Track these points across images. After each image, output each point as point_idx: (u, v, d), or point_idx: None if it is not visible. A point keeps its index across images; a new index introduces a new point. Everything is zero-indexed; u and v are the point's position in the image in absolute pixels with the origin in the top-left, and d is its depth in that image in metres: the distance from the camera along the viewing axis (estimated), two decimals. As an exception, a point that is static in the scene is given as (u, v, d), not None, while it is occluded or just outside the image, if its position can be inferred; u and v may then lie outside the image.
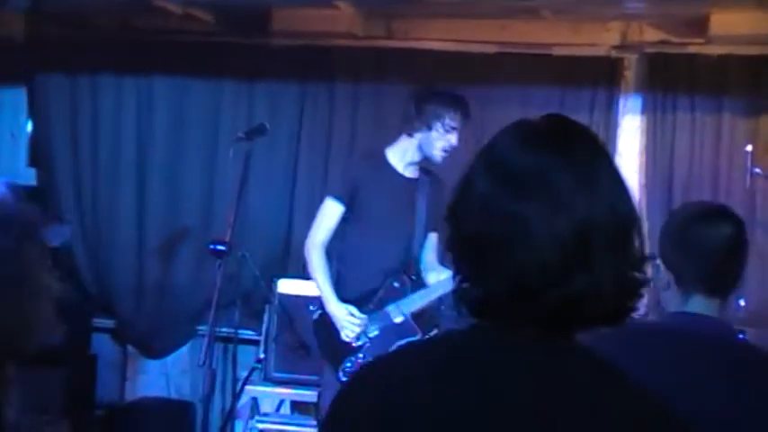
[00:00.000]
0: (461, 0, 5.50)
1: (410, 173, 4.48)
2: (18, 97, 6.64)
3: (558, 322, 1.27)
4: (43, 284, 1.51)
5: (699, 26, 5.47)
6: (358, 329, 4.30)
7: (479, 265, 1.27)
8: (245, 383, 5.46)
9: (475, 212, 1.27)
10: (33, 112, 6.55)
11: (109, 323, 6.37)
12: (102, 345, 6.33)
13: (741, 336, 4.89)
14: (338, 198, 4.40)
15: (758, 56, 5.51)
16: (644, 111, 5.88)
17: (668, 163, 5.77)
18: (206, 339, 4.52)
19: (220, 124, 6.11)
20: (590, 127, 4.78)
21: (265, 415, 5.75)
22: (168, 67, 6.25)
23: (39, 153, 6.56)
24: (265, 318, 5.78)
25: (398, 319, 4.39)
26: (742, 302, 5.16)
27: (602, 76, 5.86)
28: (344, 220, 4.42)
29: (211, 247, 4.67)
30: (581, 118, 5.58)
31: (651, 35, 5.79)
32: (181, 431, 5.94)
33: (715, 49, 5.53)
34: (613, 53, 5.83)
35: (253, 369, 5.53)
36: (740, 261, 2.15)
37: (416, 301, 4.42)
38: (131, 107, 6.30)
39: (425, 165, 4.56)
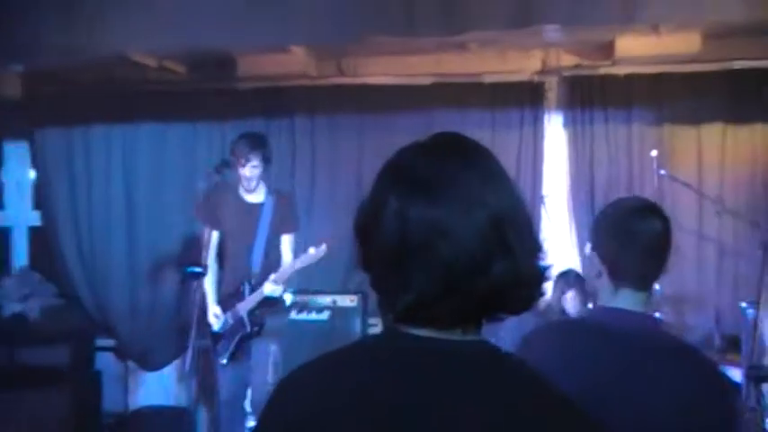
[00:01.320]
0: (400, 39, 5.62)
1: (252, 198, 5.25)
2: (22, 149, 7.10)
3: (485, 311, 1.30)
4: None
5: (606, 50, 5.83)
6: (218, 322, 5.18)
7: (404, 273, 1.26)
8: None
9: (392, 226, 1.27)
10: (35, 162, 6.96)
11: (110, 342, 6.75)
12: (106, 361, 6.68)
13: (658, 316, 5.35)
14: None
15: (658, 74, 5.87)
16: (565, 125, 6.25)
17: (589, 169, 6.13)
18: (189, 352, 4.81)
19: (197, 161, 6.44)
20: (520, 141, 5.30)
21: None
22: (148, 115, 6.62)
23: (41, 197, 6.96)
24: None
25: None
26: (657, 287, 5.51)
27: (527, 97, 6.22)
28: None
29: (188, 270, 4.97)
30: (512, 135, 6.13)
31: (567, 60, 6.14)
32: (179, 434, 6.24)
33: (621, 70, 5.91)
34: (536, 77, 6.19)
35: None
36: (667, 255, 2.12)
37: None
38: (119, 152, 6.69)
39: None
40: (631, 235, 2.08)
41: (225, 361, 5.20)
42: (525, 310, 1.32)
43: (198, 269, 4.95)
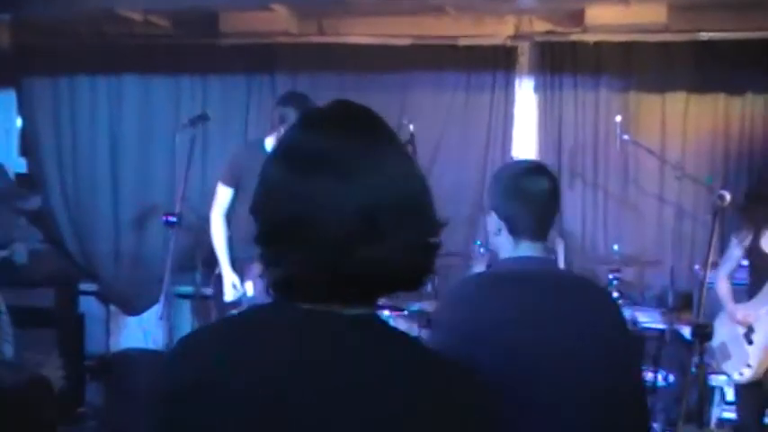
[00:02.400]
0: (380, 1, 5.83)
1: None
2: (9, 98, 7.09)
3: (359, 289, 1.26)
4: None
5: (577, 18, 5.91)
6: (235, 293, 4.98)
7: (282, 248, 1.25)
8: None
9: (272, 201, 1.26)
10: (22, 111, 6.98)
11: (93, 287, 6.84)
12: (89, 305, 6.76)
13: (613, 276, 5.50)
14: (226, 183, 5.05)
15: (626, 42, 5.95)
16: (536, 90, 6.32)
17: (557, 133, 6.23)
18: (162, 298, 4.94)
19: (180, 114, 6.41)
20: (492, 104, 5.40)
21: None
22: (134, 67, 6.65)
23: (28, 145, 7.00)
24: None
25: None
26: (616, 247, 5.68)
27: (500, 61, 6.27)
28: (235, 198, 5.05)
29: (164, 219, 5.04)
30: (484, 97, 6.22)
31: (540, 26, 6.20)
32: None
33: (591, 37, 5.98)
34: (509, 42, 6.24)
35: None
36: (556, 208, 2.31)
37: None
38: (104, 103, 6.73)
39: None
40: (524, 193, 2.23)
41: None
42: (413, 288, 1.30)
43: (173, 218, 5.01)
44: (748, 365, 4.48)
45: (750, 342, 4.51)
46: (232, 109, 6.58)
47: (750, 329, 4.52)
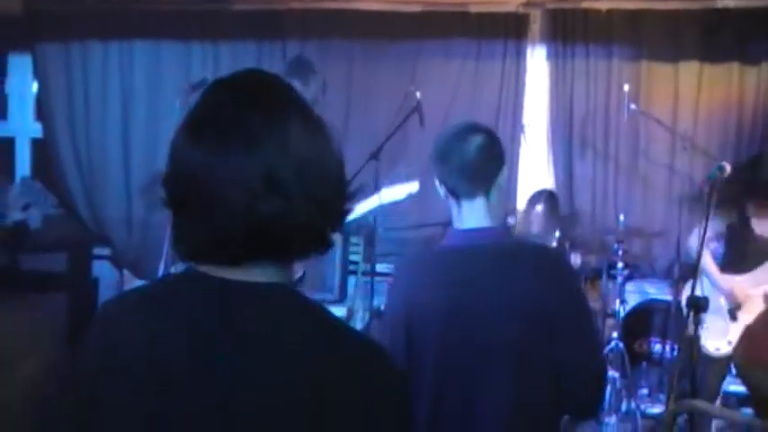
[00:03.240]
0: None
1: None
2: (25, 61, 7.02)
3: (268, 248, 1.27)
4: None
5: (590, -16, 5.78)
6: None
7: (190, 215, 1.27)
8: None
9: (179, 169, 1.28)
10: (37, 76, 6.93)
11: (106, 251, 6.88)
12: (102, 269, 6.79)
13: (618, 246, 5.42)
14: None
15: (637, 9, 5.83)
16: (548, 58, 6.21)
17: (569, 102, 6.12)
18: (163, 258, 5.06)
19: (191, 80, 6.11)
20: (503, 72, 5.32)
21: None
22: (144, 33, 6.59)
23: (42, 110, 6.97)
24: None
25: None
26: (622, 217, 5.50)
27: (511, 29, 6.16)
28: None
29: None
30: (495, 66, 6.13)
31: (551, -7, 6.06)
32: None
33: (603, 5, 5.87)
34: (520, 9, 6.12)
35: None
36: (493, 162, 2.33)
37: None
38: (115, 68, 6.68)
39: None
40: (451, 153, 2.30)
41: None
42: (322, 249, 1.32)
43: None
44: (729, 342, 4.41)
45: (734, 318, 4.43)
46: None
47: (737, 306, 4.43)
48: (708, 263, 4.57)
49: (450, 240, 2.40)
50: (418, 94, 5.42)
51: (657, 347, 5.59)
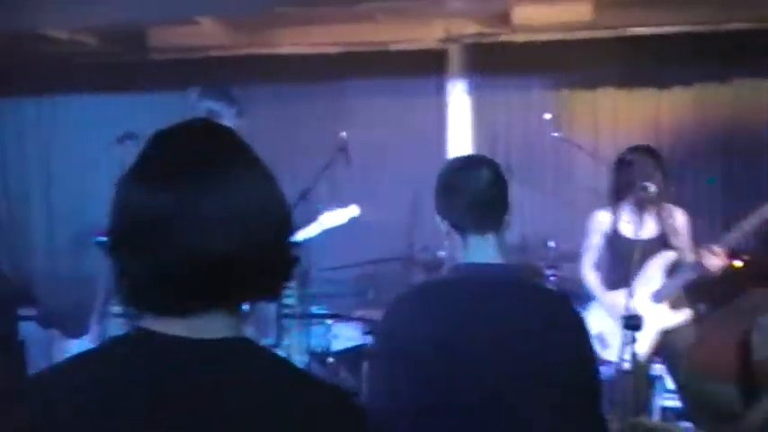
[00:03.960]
0: (310, 10, 5.69)
1: None
2: None
3: (217, 293, 1.24)
4: None
5: (505, 19, 5.82)
6: None
7: (131, 260, 1.23)
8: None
9: (123, 215, 1.25)
10: None
11: (33, 312, 6.50)
12: (30, 330, 6.43)
13: (551, 273, 5.43)
14: None
15: (555, 41, 5.90)
16: (469, 91, 6.28)
17: (492, 133, 6.21)
18: (95, 316, 4.95)
19: (114, 133, 6.16)
20: (427, 108, 5.33)
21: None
22: (64, 87, 6.48)
23: None
24: None
25: None
26: (552, 244, 5.60)
27: (432, 65, 6.24)
28: None
29: (96, 239, 4.85)
30: (418, 102, 6.17)
31: (468, 28, 6.12)
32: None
33: (519, 37, 5.93)
34: (440, 45, 6.19)
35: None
36: (502, 196, 2.17)
37: None
38: (34, 124, 6.58)
39: None
40: (458, 187, 2.13)
41: None
42: (272, 294, 1.31)
43: (104, 238, 4.82)
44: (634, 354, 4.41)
45: (637, 329, 4.43)
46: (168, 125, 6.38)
47: (633, 318, 4.43)
48: (594, 284, 4.60)
49: (455, 273, 2.21)
50: (344, 134, 5.40)
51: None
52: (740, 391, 2.54)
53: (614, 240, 4.51)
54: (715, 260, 4.09)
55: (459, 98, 6.34)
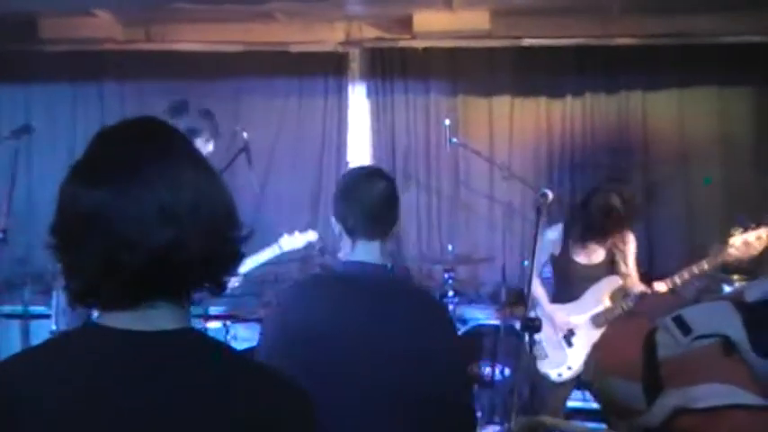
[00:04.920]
0: (208, 7, 5.55)
1: None
2: None
3: (163, 284, 1.24)
4: None
5: (405, 25, 5.84)
6: None
7: (78, 254, 1.23)
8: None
9: (68, 210, 1.24)
10: None
11: None
12: None
13: (448, 276, 5.48)
14: None
15: (453, 48, 5.96)
16: (368, 95, 6.28)
17: (390, 137, 6.23)
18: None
19: (2, 127, 5.68)
20: (325, 110, 5.28)
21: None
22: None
23: None
24: (54, 294, 5.51)
25: None
26: (450, 247, 5.67)
27: (331, 67, 6.21)
28: None
29: None
30: (317, 103, 6.10)
31: (369, 33, 6.11)
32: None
33: (419, 43, 5.93)
34: (340, 48, 6.15)
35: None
36: (393, 209, 2.34)
37: None
38: None
39: None
40: (356, 195, 2.30)
41: None
42: (217, 286, 1.31)
43: (-1, 236, 4.65)
44: (569, 368, 4.51)
45: (570, 345, 4.53)
46: (58, 120, 6.23)
47: (570, 333, 4.54)
48: (539, 294, 4.64)
49: (339, 267, 2.41)
50: (245, 134, 5.29)
51: (488, 370, 5.64)
52: (644, 387, 2.63)
53: (563, 261, 4.55)
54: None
55: (358, 101, 6.33)
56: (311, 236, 4.89)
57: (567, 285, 4.55)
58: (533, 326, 3.78)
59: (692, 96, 6.13)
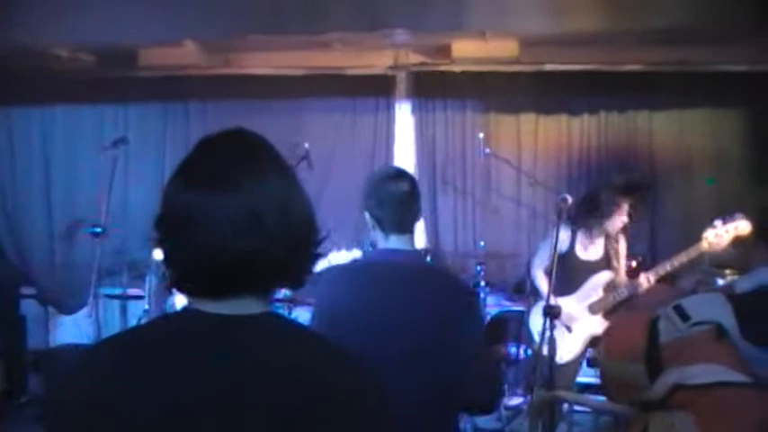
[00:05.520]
0: (277, 38, 5.62)
1: None
2: None
3: (251, 280, 1.21)
4: None
5: (445, 52, 5.81)
6: None
7: (176, 250, 1.21)
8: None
9: (169, 210, 1.22)
10: None
11: (32, 291, 6.42)
12: (29, 307, 6.34)
13: (480, 268, 5.41)
14: None
15: (486, 72, 5.85)
16: (413, 112, 6.23)
17: (431, 148, 6.16)
18: (90, 299, 4.71)
19: (104, 139, 5.92)
20: (376, 125, 5.30)
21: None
22: (62, 99, 6.27)
23: None
24: (146, 279, 5.72)
25: None
26: (482, 243, 5.63)
27: (381, 88, 6.17)
28: None
29: (90, 230, 4.82)
30: (368, 120, 6.08)
31: (414, 59, 6.06)
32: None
33: (457, 68, 5.86)
34: (388, 72, 6.11)
35: (140, 318, 5.75)
36: (415, 206, 2.29)
37: None
38: (37, 131, 6.36)
39: None
40: (386, 195, 2.24)
41: None
42: (296, 284, 1.26)
43: (98, 229, 4.78)
44: (569, 351, 4.41)
45: (570, 330, 4.44)
46: (150, 133, 6.28)
47: (570, 320, 4.44)
48: (543, 284, 4.47)
49: (375, 256, 2.38)
50: (306, 145, 5.32)
51: (513, 350, 5.56)
52: (647, 368, 2.58)
53: (568, 257, 4.41)
54: (645, 284, 4.24)
55: (404, 117, 6.28)
56: (356, 254, 4.88)
57: (569, 278, 4.43)
58: (553, 312, 3.72)
59: (690, 116, 6.03)
